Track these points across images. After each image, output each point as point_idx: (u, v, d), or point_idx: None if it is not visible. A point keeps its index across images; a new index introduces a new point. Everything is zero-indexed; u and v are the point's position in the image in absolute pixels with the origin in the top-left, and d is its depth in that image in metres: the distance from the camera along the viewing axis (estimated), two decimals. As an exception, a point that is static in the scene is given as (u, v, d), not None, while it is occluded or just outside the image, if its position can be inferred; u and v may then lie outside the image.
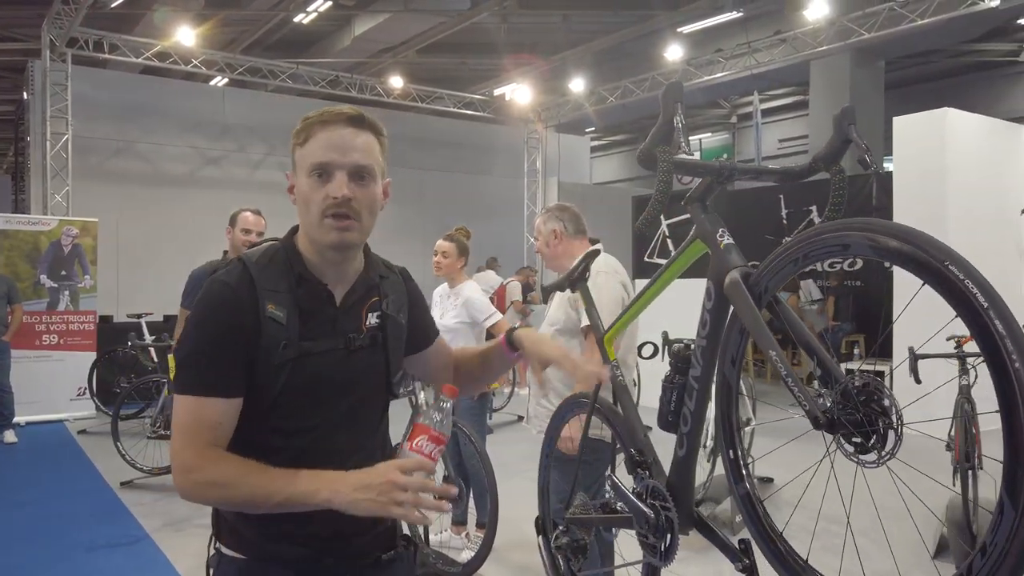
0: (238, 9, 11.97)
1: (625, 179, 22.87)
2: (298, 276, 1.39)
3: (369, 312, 1.48)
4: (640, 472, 1.92)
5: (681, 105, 1.71)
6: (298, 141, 1.40)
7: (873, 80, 13.13)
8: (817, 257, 1.51)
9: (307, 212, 1.38)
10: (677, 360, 1.88)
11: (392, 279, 1.57)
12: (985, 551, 1.17)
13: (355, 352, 1.43)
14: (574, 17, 13.14)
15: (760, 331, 1.60)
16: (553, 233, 3.26)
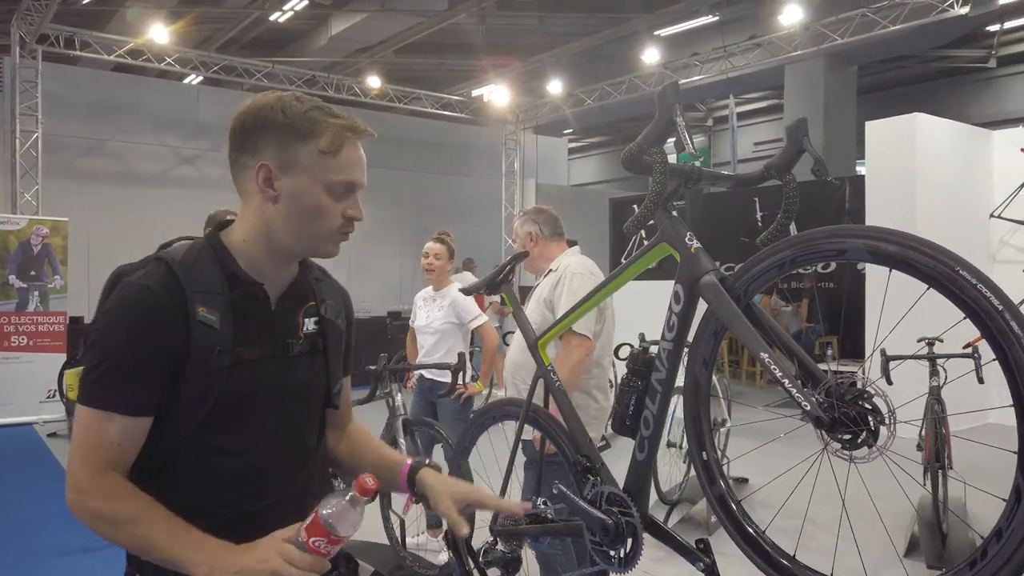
0: (212, 7, 11.84)
1: (602, 181, 22.97)
2: (231, 276, 1.27)
3: (306, 317, 1.38)
4: (590, 478, 1.87)
5: (679, 106, 1.72)
6: (323, 147, 1.25)
7: (846, 85, 13.32)
8: (807, 262, 1.55)
9: (311, 223, 1.27)
10: (636, 363, 1.86)
11: (328, 283, 1.48)
12: (1000, 535, 1.21)
13: (293, 359, 1.33)
14: (551, 19, 13.17)
15: (749, 334, 1.61)
16: (529, 236, 3.29)
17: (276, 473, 1.30)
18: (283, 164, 1.26)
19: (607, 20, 12.97)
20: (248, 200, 1.30)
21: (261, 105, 1.27)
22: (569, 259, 3.19)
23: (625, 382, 1.84)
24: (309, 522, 1.13)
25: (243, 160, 1.28)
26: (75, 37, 9.99)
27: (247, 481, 1.25)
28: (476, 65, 14.53)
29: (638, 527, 1.74)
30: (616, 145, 23.13)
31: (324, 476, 1.43)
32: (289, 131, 1.25)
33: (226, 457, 1.26)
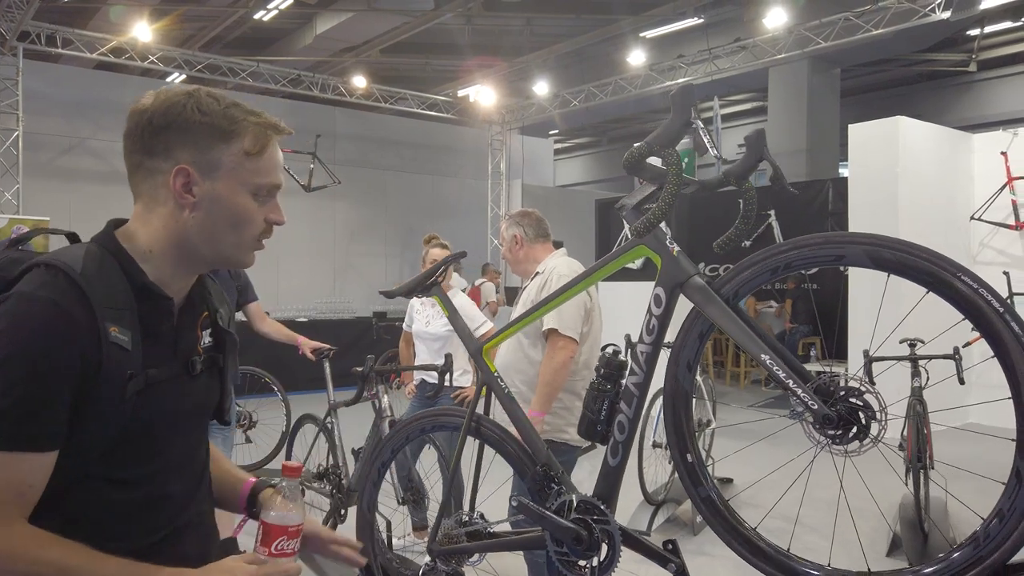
0: (196, 4, 11.75)
1: (588, 182, 23.02)
2: (139, 288, 1.13)
3: (202, 329, 1.26)
4: (554, 487, 1.81)
5: (695, 109, 1.72)
6: (248, 148, 1.15)
7: (829, 87, 13.43)
8: (802, 266, 1.58)
9: (234, 231, 1.17)
10: (608, 367, 1.83)
11: (216, 288, 1.35)
12: (1003, 516, 1.32)
13: (194, 378, 1.22)
14: (537, 20, 13.18)
15: (746, 337, 1.64)
16: (515, 239, 3.31)
17: (176, 500, 1.20)
18: (202, 167, 1.13)
19: (593, 21, 12.99)
20: (154, 206, 1.16)
21: (171, 103, 1.14)
22: (555, 261, 3.20)
23: (595, 387, 1.81)
24: (261, 535, 1.14)
25: (151, 163, 1.15)
26: (57, 34, 9.88)
27: (148, 512, 1.14)
28: (462, 65, 14.51)
29: (615, 533, 1.71)
30: (602, 146, 23.20)
31: (210, 493, 1.34)
32: (209, 131, 1.13)
33: (126, 489, 1.13)
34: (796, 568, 1.53)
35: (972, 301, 1.35)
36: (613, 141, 22.50)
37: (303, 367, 4.19)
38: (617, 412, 1.76)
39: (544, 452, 1.88)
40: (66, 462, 1.07)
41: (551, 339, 3.00)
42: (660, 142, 1.69)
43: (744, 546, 1.60)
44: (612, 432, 1.76)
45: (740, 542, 1.61)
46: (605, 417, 1.78)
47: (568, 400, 3.11)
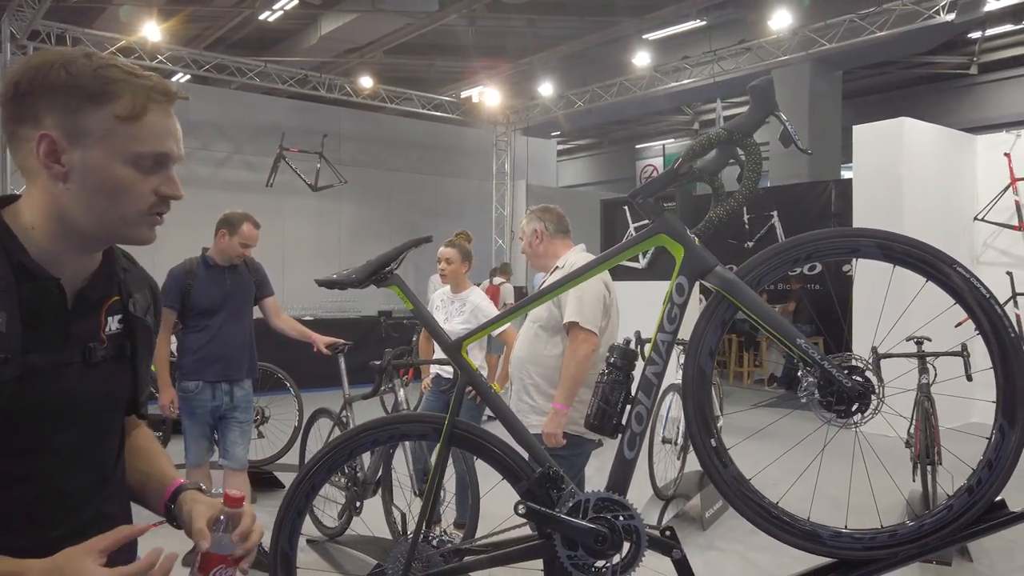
0: (202, 5, 11.80)
1: (591, 183, 23.08)
2: (19, 267, 1.04)
3: (109, 315, 1.17)
4: (559, 488, 1.73)
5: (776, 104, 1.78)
6: (121, 112, 1.05)
7: (831, 89, 13.50)
8: (821, 257, 1.73)
9: (114, 204, 1.07)
10: (624, 358, 1.82)
11: (135, 273, 1.25)
12: (991, 465, 1.60)
13: (95, 366, 1.13)
14: (540, 22, 13.24)
15: (780, 322, 1.74)
16: (535, 233, 3.36)
17: (71, 497, 1.10)
18: (70, 133, 1.04)
19: (596, 23, 13.05)
20: (32, 178, 1.07)
21: (39, 64, 1.04)
22: (575, 256, 3.25)
23: (611, 378, 1.80)
24: (200, 562, 1.10)
25: (21, 132, 1.05)
26: (66, 34, 9.93)
27: (37, 509, 1.05)
28: (466, 66, 14.56)
29: (640, 528, 1.69)
30: (604, 148, 23.25)
31: (123, 492, 1.25)
32: (75, 93, 1.03)
33: (11, 484, 1.06)
34: (819, 532, 1.66)
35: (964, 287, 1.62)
36: (615, 142, 22.56)
37: (315, 364, 4.24)
38: (635, 403, 1.78)
39: (544, 454, 1.80)
40: None
41: (572, 332, 3.05)
42: (742, 130, 1.74)
43: (771, 521, 1.68)
44: (629, 424, 1.77)
45: (765, 517, 1.68)
46: (621, 409, 1.79)
47: (584, 393, 3.16)
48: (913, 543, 1.65)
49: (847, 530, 1.68)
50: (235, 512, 1.14)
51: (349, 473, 4.18)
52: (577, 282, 1.94)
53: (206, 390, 3.90)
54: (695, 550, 4.37)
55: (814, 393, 1.68)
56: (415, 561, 1.78)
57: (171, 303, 3.88)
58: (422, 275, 12.62)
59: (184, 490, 1.23)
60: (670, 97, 13.37)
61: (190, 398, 3.90)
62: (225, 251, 3.96)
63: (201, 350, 3.90)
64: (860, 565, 1.68)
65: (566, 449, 3.13)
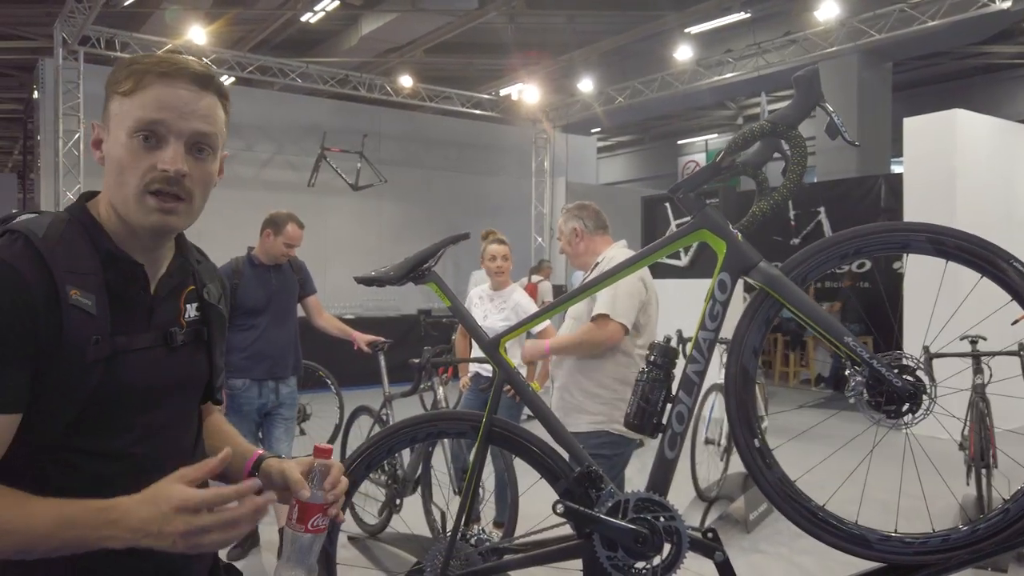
0: (246, 8, 12.00)
1: (631, 180, 22.90)
2: (107, 254, 1.10)
3: (187, 303, 1.22)
4: (598, 487, 1.69)
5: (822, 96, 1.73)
6: (121, 89, 1.10)
7: (881, 81, 13.14)
8: (870, 253, 1.66)
9: (121, 181, 1.10)
10: (664, 356, 1.79)
11: (207, 265, 1.32)
12: None
13: (176, 350, 1.18)
14: (580, 17, 13.15)
15: (828, 320, 1.69)
16: (574, 231, 3.31)
17: (156, 475, 1.10)
18: (103, 121, 1.13)
19: (637, 18, 12.92)
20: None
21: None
22: (614, 251, 3.21)
23: (652, 377, 1.76)
24: (297, 513, 1.14)
25: None
26: (115, 38, 10.18)
27: (121, 487, 1.05)
28: (505, 64, 14.54)
29: (682, 530, 1.66)
30: (645, 144, 23.04)
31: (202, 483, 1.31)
32: (109, 86, 1.12)
33: (98, 461, 1.09)
34: (867, 536, 1.61)
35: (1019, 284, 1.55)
36: (656, 139, 22.34)
37: (356, 362, 4.26)
38: (676, 403, 1.74)
39: (583, 453, 1.76)
40: (29, 428, 1.04)
41: (601, 321, 3.00)
42: (787, 122, 1.70)
43: (817, 524, 1.64)
44: (670, 423, 1.74)
45: (811, 520, 1.64)
46: (662, 408, 1.75)
47: (623, 391, 3.11)
48: (966, 548, 1.59)
49: (897, 534, 1.63)
50: (325, 463, 1.17)
51: (389, 471, 4.19)
52: (617, 278, 1.89)
53: (253, 388, 3.94)
54: (738, 553, 4.29)
55: (862, 393, 1.63)
56: (453, 559, 1.77)
57: None
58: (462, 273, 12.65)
59: (265, 459, 1.27)
60: (713, 92, 13.18)
61: (237, 396, 3.94)
62: (270, 251, 3.99)
63: (248, 348, 3.92)
64: (910, 570, 1.63)
65: (607, 449, 3.09)
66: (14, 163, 22.37)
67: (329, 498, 1.16)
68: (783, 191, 1.77)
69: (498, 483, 4.01)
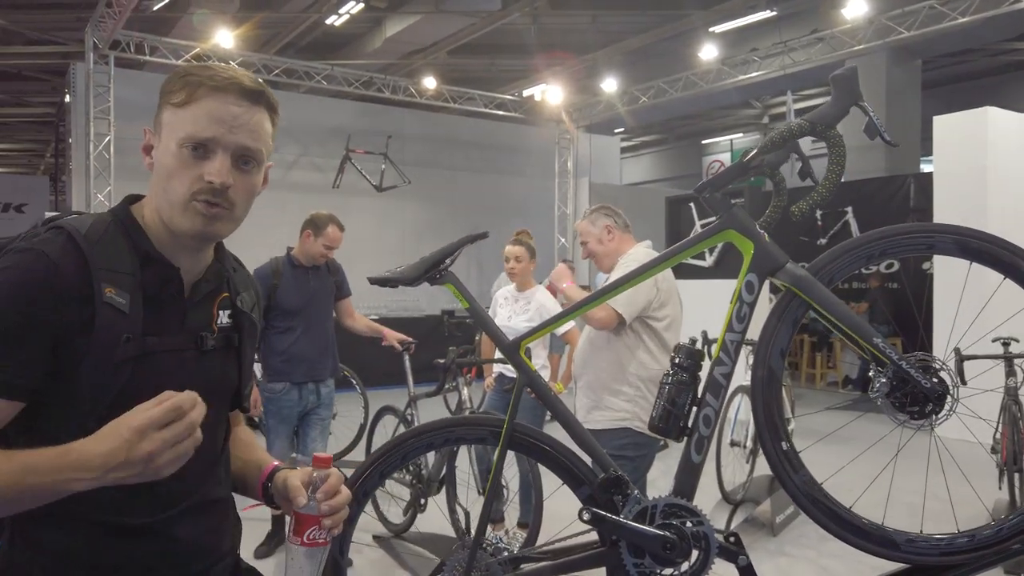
0: (272, 11, 12.12)
1: (655, 180, 22.78)
2: (144, 255, 1.13)
3: (220, 309, 1.25)
4: (624, 493, 1.66)
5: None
6: (175, 100, 1.13)
7: (910, 79, 12.95)
8: (896, 254, 1.65)
9: (168, 188, 1.13)
10: (690, 358, 1.75)
11: (242, 273, 1.35)
12: None
13: (206, 354, 1.20)
14: (604, 17, 13.11)
15: (856, 321, 1.68)
16: (606, 229, 3.29)
17: (182, 480, 1.10)
18: (154, 128, 1.18)
19: (661, 17, 12.85)
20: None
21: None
22: (638, 252, 3.20)
23: (678, 380, 1.72)
24: (294, 524, 1.12)
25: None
26: (144, 43, 10.33)
27: (151, 490, 1.06)
28: (528, 65, 14.54)
29: (710, 535, 1.64)
30: (669, 144, 22.90)
31: (228, 481, 1.30)
32: (162, 95, 1.17)
33: None
34: (893, 538, 1.61)
35: None
36: (680, 138, 22.20)
37: (381, 362, 4.28)
38: (702, 405, 1.71)
39: (607, 458, 1.72)
40: (57, 421, 1.06)
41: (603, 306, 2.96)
42: (825, 122, 1.69)
43: (845, 527, 1.63)
44: (696, 426, 1.71)
45: (839, 523, 1.63)
46: (687, 411, 1.72)
47: (647, 388, 3.10)
48: (992, 547, 1.59)
49: (923, 535, 1.63)
50: (324, 473, 1.15)
51: (414, 471, 4.21)
52: (642, 278, 1.86)
53: (293, 391, 3.94)
54: (764, 556, 4.25)
55: (886, 393, 1.63)
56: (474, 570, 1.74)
57: None
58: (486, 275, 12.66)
59: (280, 470, 1.27)
60: (738, 91, 13.06)
61: (277, 399, 3.93)
62: (309, 252, 3.99)
63: (286, 351, 3.91)
64: (937, 571, 1.62)
65: (630, 450, 3.07)
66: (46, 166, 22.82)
67: (324, 509, 1.11)
68: (823, 191, 1.75)
69: (522, 484, 4.02)
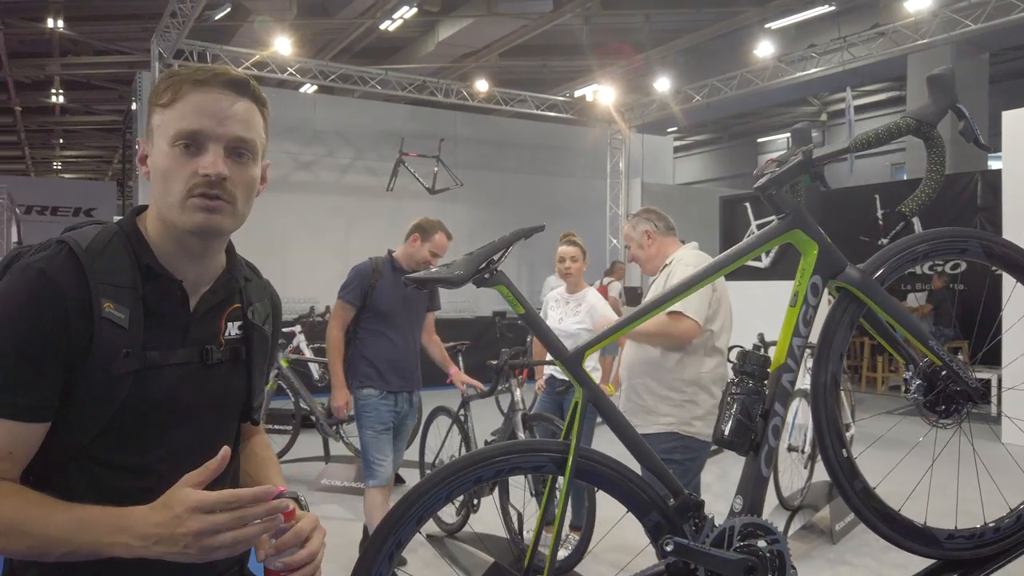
0: (328, 18, 12.36)
1: (709, 179, 22.48)
2: (146, 269, 1.12)
3: (229, 320, 1.22)
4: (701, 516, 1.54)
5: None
6: (161, 101, 1.12)
7: (977, 73, 12.51)
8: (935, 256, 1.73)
9: (166, 190, 1.11)
10: (760, 365, 1.63)
11: (257, 283, 1.31)
12: None
13: (211, 368, 1.18)
14: (656, 16, 13.00)
15: (917, 325, 1.69)
16: (646, 234, 3.28)
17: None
18: (147, 135, 1.16)
19: (715, 15, 12.68)
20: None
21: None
22: (686, 253, 3.16)
23: (749, 389, 1.61)
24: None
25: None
26: (207, 51, 10.65)
27: (144, 503, 1.04)
28: (579, 65, 14.50)
29: (785, 552, 1.55)
30: (723, 143, 22.57)
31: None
32: (150, 101, 1.15)
33: (125, 476, 1.10)
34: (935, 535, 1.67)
35: None
36: (735, 137, 21.86)
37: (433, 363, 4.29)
38: (771, 416, 1.60)
39: (676, 481, 1.59)
40: (59, 438, 1.06)
41: (676, 316, 2.94)
42: (929, 121, 1.67)
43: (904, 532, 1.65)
44: (766, 439, 1.60)
45: (898, 529, 1.65)
46: (759, 423, 1.60)
47: (693, 392, 3.06)
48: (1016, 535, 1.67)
49: (959, 530, 1.68)
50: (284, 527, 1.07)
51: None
52: (705, 283, 1.73)
53: (389, 398, 3.77)
54: (824, 564, 4.15)
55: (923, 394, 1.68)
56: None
57: (352, 299, 3.76)
58: (537, 276, 12.69)
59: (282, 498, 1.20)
60: (795, 88, 12.81)
61: (375, 403, 3.74)
62: (415, 256, 3.88)
63: (381, 358, 3.76)
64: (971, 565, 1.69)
65: (679, 453, 3.04)
66: (114, 171, 23.74)
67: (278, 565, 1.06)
68: (929, 190, 1.70)
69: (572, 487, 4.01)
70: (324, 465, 5.79)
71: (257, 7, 11.66)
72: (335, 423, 5.68)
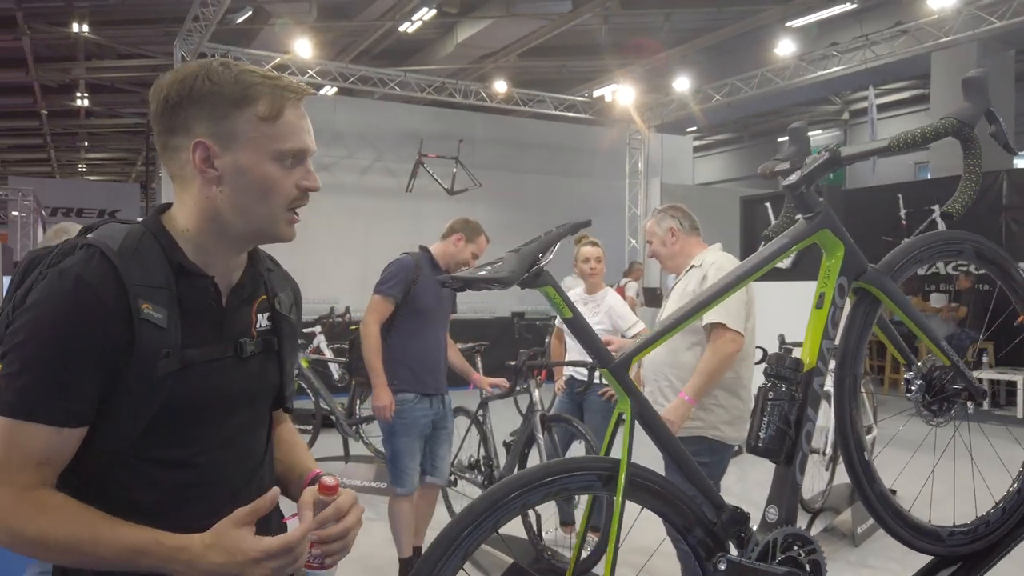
0: (347, 20, 12.43)
1: (729, 179, 22.32)
2: (177, 267, 1.12)
3: (259, 312, 1.24)
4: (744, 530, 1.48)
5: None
6: (263, 113, 1.11)
7: (1003, 71, 12.31)
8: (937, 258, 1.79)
9: (263, 201, 1.13)
10: (794, 368, 1.55)
11: (278, 273, 1.33)
12: None
13: (246, 360, 1.20)
14: (676, 15, 12.94)
15: (927, 324, 1.74)
16: (670, 231, 3.25)
17: (225, 486, 1.16)
18: (221, 138, 1.11)
19: (735, 13, 12.60)
20: (185, 185, 1.15)
21: (184, 77, 1.11)
22: (714, 256, 3.14)
23: (785, 393, 1.52)
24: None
25: (174, 142, 1.13)
26: (229, 54, 10.76)
27: (193, 497, 1.11)
28: (598, 66, 14.46)
29: (822, 562, 1.54)
30: (743, 143, 22.40)
31: (272, 482, 1.28)
32: (220, 100, 1.10)
33: (170, 471, 1.13)
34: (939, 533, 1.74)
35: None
36: (755, 136, 21.69)
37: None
38: (805, 421, 1.53)
39: (720, 497, 1.52)
40: (102, 439, 1.08)
41: (718, 331, 2.93)
42: (970, 123, 1.66)
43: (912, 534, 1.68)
44: (801, 445, 1.53)
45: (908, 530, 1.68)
46: (795, 430, 1.52)
47: (722, 396, 3.04)
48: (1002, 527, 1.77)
49: (957, 526, 1.76)
50: (326, 500, 1.13)
51: (486, 472, 4.25)
52: (736, 288, 1.64)
53: (424, 401, 3.65)
54: (845, 567, 4.11)
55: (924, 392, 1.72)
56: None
57: (395, 293, 3.57)
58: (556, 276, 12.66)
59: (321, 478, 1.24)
60: (817, 87, 12.68)
61: (410, 409, 3.60)
62: (456, 256, 3.77)
63: (416, 359, 3.64)
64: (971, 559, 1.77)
65: (705, 456, 3.02)
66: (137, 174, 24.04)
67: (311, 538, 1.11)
68: (970, 192, 1.69)
69: (593, 487, 4.00)
70: (344, 465, 5.83)
71: (278, 10, 11.77)
72: (355, 423, 5.70)
